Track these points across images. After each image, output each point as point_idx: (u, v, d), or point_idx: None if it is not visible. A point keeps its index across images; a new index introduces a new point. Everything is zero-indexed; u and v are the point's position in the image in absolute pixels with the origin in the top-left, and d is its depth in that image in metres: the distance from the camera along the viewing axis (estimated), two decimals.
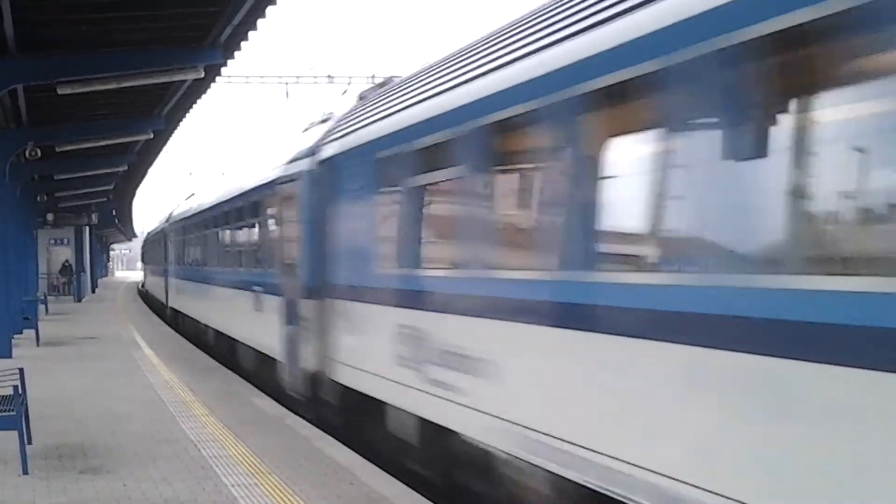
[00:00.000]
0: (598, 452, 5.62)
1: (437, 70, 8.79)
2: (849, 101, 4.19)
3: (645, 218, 5.39)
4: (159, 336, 24.70)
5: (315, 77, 41.89)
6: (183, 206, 30.09)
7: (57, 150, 23.90)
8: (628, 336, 5.40)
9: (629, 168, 5.57)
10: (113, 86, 16.73)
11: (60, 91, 16.45)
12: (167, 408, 12.77)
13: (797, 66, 4.36)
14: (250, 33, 15.49)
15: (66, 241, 46.63)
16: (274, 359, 14.05)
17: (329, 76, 41.63)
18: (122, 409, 12.73)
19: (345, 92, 37.66)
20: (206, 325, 22.10)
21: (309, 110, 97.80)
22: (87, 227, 47.36)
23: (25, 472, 8.98)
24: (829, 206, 4.27)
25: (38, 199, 34.34)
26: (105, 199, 42.50)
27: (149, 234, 52.49)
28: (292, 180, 12.71)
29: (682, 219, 5.05)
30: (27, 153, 21.56)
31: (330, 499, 8.00)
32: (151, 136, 23.86)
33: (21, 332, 22.85)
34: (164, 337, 24.55)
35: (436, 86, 8.35)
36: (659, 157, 5.17)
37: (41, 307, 29.14)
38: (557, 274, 6.13)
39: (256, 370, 15.84)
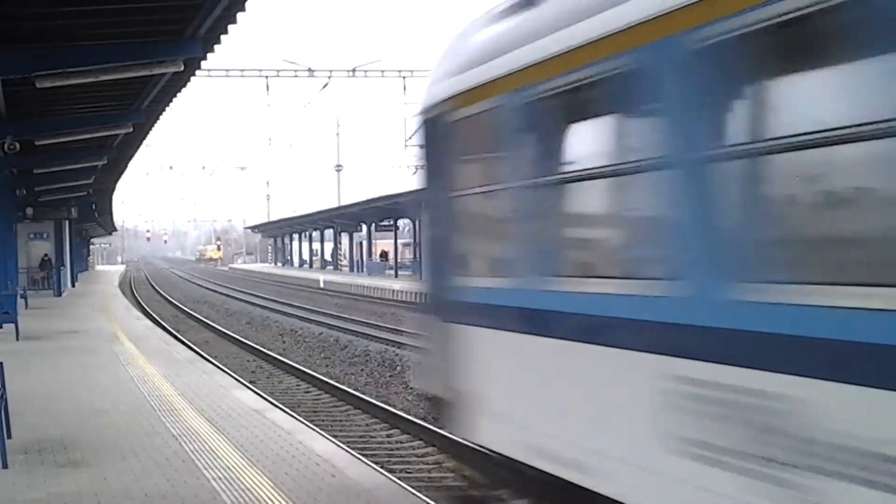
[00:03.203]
0: None
1: None
2: None
3: None
4: (140, 330, 24.62)
5: (295, 71, 41.92)
6: None
7: (36, 143, 23.78)
8: None
9: None
10: (92, 79, 16.65)
11: (39, 84, 16.36)
12: (148, 401, 12.75)
13: None
14: (230, 27, 15.46)
15: (45, 235, 46.37)
16: None
17: (309, 70, 41.69)
18: (102, 403, 12.70)
19: (325, 86, 37.61)
20: None
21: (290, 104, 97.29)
22: (67, 222, 47.14)
23: (5, 466, 8.97)
24: None
25: (18, 193, 34.14)
26: (85, 192, 42.32)
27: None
28: None
29: None
30: (6, 147, 21.44)
31: (311, 491, 8.02)
32: (131, 129, 23.76)
33: (1, 327, 22.75)
34: (145, 331, 24.47)
35: None
36: None
37: (21, 302, 29.01)
38: None
39: None
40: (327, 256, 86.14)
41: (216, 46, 16.40)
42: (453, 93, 6.94)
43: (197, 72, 18.88)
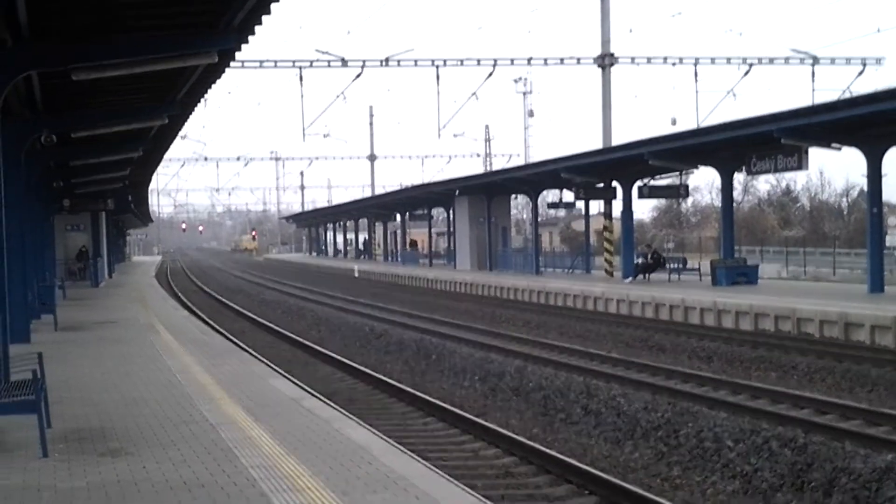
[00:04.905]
0: None
1: None
2: None
3: None
4: (177, 320, 24.80)
5: (329, 61, 41.95)
6: None
7: (72, 136, 23.95)
8: None
9: None
10: (127, 71, 16.72)
11: (75, 77, 16.45)
12: (185, 390, 12.83)
13: None
14: (264, 17, 15.46)
15: (82, 226, 46.81)
16: None
17: (343, 60, 41.71)
18: (140, 392, 12.80)
19: (358, 76, 37.63)
20: None
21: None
22: (104, 213, 47.52)
23: (45, 455, 9.05)
24: None
25: (55, 185, 34.45)
26: (121, 184, 42.60)
27: None
28: None
29: None
30: (42, 140, 21.63)
31: (349, 479, 8.05)
32: (166, 121, 23.86)
33: (39, 318, 22.99)
34: (182, 321, 24.65)
35: None
36: None
37: (59, 292, 29.29)
38: None
39: None
40: (361, 246, 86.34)
41: (250, 38, 16.42)
42: None
43: (231, 63, 18.91)
